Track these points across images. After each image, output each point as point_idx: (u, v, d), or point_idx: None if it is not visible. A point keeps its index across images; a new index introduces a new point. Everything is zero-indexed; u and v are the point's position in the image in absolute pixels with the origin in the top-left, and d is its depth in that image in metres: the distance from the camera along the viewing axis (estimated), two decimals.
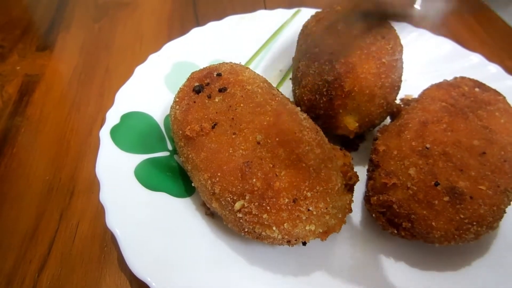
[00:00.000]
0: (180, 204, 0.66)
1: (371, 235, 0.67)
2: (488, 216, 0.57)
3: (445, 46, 0.97)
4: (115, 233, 0.58)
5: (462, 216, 0.57)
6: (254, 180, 0.53)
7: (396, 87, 0.73)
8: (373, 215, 0.63)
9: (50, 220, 0.69)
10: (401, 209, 0.59)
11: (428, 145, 0.61)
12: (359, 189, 0.71)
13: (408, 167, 0.60)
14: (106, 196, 0.62)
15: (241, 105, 0.60)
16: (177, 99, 0.66)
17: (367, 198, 0.65)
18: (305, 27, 0.82)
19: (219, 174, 0.55)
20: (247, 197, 0.53)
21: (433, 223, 0.57)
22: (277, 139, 0.56)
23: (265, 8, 1.19)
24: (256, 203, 0.53)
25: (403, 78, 0.76)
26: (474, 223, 0.57)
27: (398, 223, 0.61)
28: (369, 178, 0.66)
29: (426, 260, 0.64)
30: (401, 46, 0.75)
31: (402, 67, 0.75)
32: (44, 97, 0.91)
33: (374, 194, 0.63)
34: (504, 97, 0.70)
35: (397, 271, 0.63)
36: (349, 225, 0.68)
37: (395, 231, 0.61)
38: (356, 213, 0.70)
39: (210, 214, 0.65)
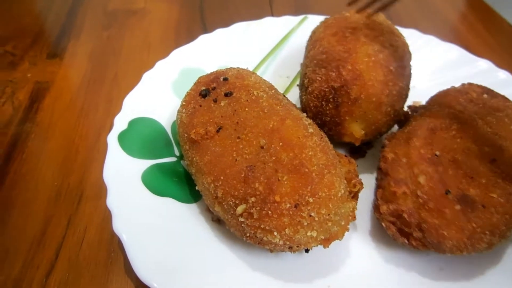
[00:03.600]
0: (186, 210, 0.66)
1: (380, 243, 0.66)
2: (501, 225, 0.56)
3: (453, 52, 0.96)
4: (121, 238, 0.58)
5: (474, 225, 0.56)
6: (256, 184, 0.53)
7: (404, 95, 0.72)
8: (383, 224, 0.62)
9: (58, 225, 0.70)
10: (411, 218, 0.58)
11: (437, 153, 0.61)
12: (369, 196, 0.70)
13: (418, 175, 0.59)
14: (113, 201, 0.62)
15: (246, 109, 0.60)
16: (183, 103, 0.67)
17: (376, 207, 0.64)
18: (314, 33, 0.82)
19: (222, 177, 0.56)
20: (249, 202, 0.53)
21: (445, 232, 0.56)
22: (280, 143, 0.56)
23: (272, 15, 1.20)
24: (258, 208, 0.53)
25: (411, 84, 0.76)
26: (487, 232, 0.56)
27: (409, 232, 0.59)
28: (378, 186, 0.65)
29: (438, 270, 0.63)
30: (410, 54, 0.75)
31: (410, 75, 0.75)
32: (53, 104, 0.92)
33: (384, 203, 0.62)
34: None
35: (408, 282, 0.61)
36: (357, 233, 0.67)
37: (406, 241, 0.60)
38: (365, 221, 0.69)
39: (216, 220, 0.65)
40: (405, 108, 0.76)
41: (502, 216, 0.56)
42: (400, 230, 0.61)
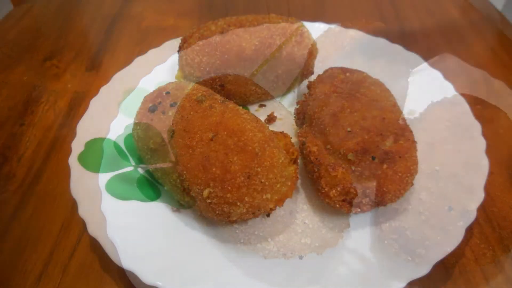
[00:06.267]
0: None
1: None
2: (414, 165, 0.68)
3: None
4: (101, 241, 0.63)
5: (400, 175, 0.65)
6: (214, 169, 0.62)
7: None
8: (337, 205, 0.68)
9: (53, 229, 0.74)
10: (357, 189, 0.67)
11: (349, 129, 0.69)
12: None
13: (346, 154, 0.68)
14: (84, 212, 0.68)
15: (191, 113, 0.69)
16: (136, 121, 0.75)
17: (325, 194, 0.69)
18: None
19: (185, 172, 0.64)
20: (211, 184, 0.62)
21: (384, 188, 0.65)
22: (225, 133, 0.65)
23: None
24: (219, 187, 0.62)
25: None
26: (408, 175, 0.66)
27: (358, 202, 0.67)
28: (318, 177, 0.70)
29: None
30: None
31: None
32: None
33: (331, 189, 0.68)
34: (366, 73, 0.80)
35: None
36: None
37: (359, 209, 0.68)
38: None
39: (176, 210, 0.72)
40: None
41: (410, 157, 0.67)
42: (350, 203, 0.68)
